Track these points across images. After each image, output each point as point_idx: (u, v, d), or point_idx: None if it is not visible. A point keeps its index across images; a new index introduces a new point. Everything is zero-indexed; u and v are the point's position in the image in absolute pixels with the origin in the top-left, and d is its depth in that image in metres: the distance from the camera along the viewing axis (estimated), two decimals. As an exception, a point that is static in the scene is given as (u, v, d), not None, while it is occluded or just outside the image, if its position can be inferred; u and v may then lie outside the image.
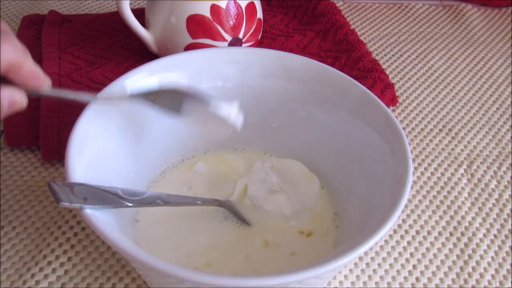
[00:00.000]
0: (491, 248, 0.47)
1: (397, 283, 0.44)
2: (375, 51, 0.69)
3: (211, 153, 0.50)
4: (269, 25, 0.69)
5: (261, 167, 0.47)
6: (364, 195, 0.42)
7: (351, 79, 0.45)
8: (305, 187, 0.45)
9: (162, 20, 0.58)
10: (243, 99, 0.48)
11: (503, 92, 0.64)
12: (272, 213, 0.44)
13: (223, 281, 0.31)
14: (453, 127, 0.59)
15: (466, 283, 0.44)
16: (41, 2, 0.72)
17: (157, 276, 0.35)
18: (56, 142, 0.51)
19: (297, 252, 0.43)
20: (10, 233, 0.45)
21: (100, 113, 0.41)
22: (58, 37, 0.64)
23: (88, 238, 0.45)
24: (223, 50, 0.50)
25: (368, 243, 0.33)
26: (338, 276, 0.44)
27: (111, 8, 0.72)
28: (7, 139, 0.52)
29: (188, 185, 0.47)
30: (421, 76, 0.66)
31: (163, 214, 0.44)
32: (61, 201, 0.33)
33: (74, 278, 0.42)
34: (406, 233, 0.48)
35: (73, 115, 0.39)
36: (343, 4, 0.77)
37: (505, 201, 0.51)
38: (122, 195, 0.37)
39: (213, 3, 0.56)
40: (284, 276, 0.31)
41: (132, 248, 0.32)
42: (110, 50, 0.63)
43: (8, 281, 0.41)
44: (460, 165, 0.54)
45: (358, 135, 0.44)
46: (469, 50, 0.70)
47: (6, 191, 0.48)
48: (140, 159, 0.45)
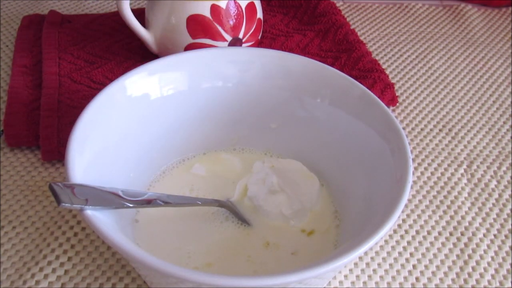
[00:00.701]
0: (491, 248, 0.47)
1: (397, 283, 0.44)
2: (375, 51, 0.69)
3: (211, 153, 0.50)
4: (269, 25, 0.69)
5: (261, 167, 0.47)
6: (364, 195, 0.42)
7: (351, 79, 0.46)
8: (305, 187, 0.45)
9: (162, 20, 0.58)
10: (243, 99, 0.48)
11: (503, 92, 0.64)
12: (272, 213, 0.44)
13: (223, 281, 0.31)
14: (453, 127, 0.59)
15: (466, 283, 0.44)
16: (41, 2, 0.72)
17: (157, 276, 0.35)
18: (56, 142, 0.51)
19: (298, 252, 0.43)
20: (10, 233, 0.45)
21: (100, 113, 0.41)
22: (58, 37, 0.64)
23: (88, 238, 0.45)
24: (223, 50, 0.50)
25: (368, 243, 0.33)
26: (338, 276, 0.44)
27: (111, 8, 0.72)
28: (7, 139, 0.52)
29: (189, 188, 0.47)
30: (421, 76, 0.66)
31: (163, 214, 0.44)
32: (62, 202, 0.33)
33: (74, 278, 0.42)
34: (406, 233, 0.48)
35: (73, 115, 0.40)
36: (343, 4, 0.77)
37: (505, 201, 0.51)
38: (122, 195, 0.37)
39: (213, 3, 0.56)
40: (284, 276, 0.31)
41: (132, 248, 0.32)
42: (110, 50, 0.63)
43: (8, 281, 0.41)
44: (460, 165, 0.54)
45: (358, 135, 0.44)
46: (469, 50, 0.70)
47: (6, 191, 0.48)
48: (140, 159, 0.45)
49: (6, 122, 0.53)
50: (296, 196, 0.45)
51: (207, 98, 0.48)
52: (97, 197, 0.36)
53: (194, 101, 0.48)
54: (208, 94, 0.48)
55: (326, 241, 0.43)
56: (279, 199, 0.44)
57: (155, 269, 0.31)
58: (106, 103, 0.41)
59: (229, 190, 0.46)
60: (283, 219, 0.44)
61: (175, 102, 0.47)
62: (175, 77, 0.46)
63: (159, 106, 0.46)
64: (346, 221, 0.44)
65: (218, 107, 0.48)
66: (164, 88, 0.46)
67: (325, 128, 0.47)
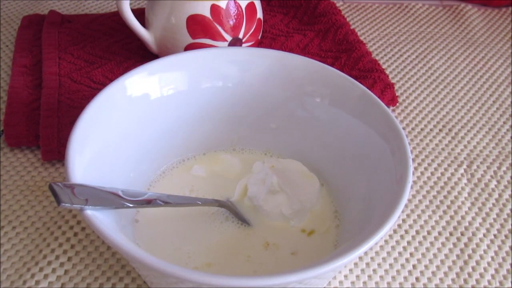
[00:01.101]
0: (491, 248, 0.47)
1: (397, 283, 0.44)
2: (375, 51, 0.69)
3: (211, 153, 0.50)
4: (269, 25, 0.69)
5: (261, 167, 0.47)
6: (364, 194, 0.42)
7: (351, 79, 0.45)
8: (305, 187, 0.45)
9: (162, 20, 0.58)
10: (243, 99, 0.48)
11: (503, 92, 0.64)
12: (272, 214, 0.44)
13: (223, 281, 0.31)
14: (453, 127, 0.59)
15: (466, 283, 0.44)
16: (41, 2, 0.72)
17: (157, 276, 0.35)
18: (56, 142, 0.51)
19: (298, 252, 0.43)
20: (10, 233, 0.45)
21: (100, 113, 0.41)
22: (58, 37, 0.64)
23: (88, 238, 0.45)
24: (223, 50, 0.50)
25: (368, 243, 0.33)
26: (338, 276, 0.44)
27: (111, 8, 0.72)
28: (7, 139, 0.52)
29: (189, 188, 0.47)
30: (421, 76, 0.66)
31: (163, 214, 0.44)
32: (62, 202, 0.33)
33: (74, 278, 0.42)
34: (406, 233, 0.48)
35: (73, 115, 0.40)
36: (343, 4, 0.77)
37: (505, 201, 0.51)
38: (122, 195, 0.37)
39: (213, 3, 0.56)
40: (284, 276, 0.31)
41: (132, 248, 0.32)
42: (110, 50, 0.63)
43: (8, 281, 0.41)
44: (460, 165, 0.54)
45: (358, 135, 0.44)
46: (469, 50, 0.70)
47: (6, 191, 0.48)
48: (140, 159, 0.45)
49: (6, 122, 0.53)
50: (296, 196, 0.45)
51: (207, 98, 0.48)
52: (97, 197, 0.36)
53: (194, 101, 0.48)
54: (208, 94, 0.48)
55: (326, 241, 0.43)
56: (279, 199, 0.44)
57: (155, 269, 0.31)
58: (106, 103, 0.41)
59: (229, 190, 0.46)
60: (283, 219, 0.44)
61: (175, 102, 0.47)
62: (175, 77, 0.46)
63: (159, 106, 0.46)
64: (346, 221, 0.44)
65: (218, 107, 0.48)
66: (164, 88, 0.46)
67: (325, 128, 0.47)
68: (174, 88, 0.46)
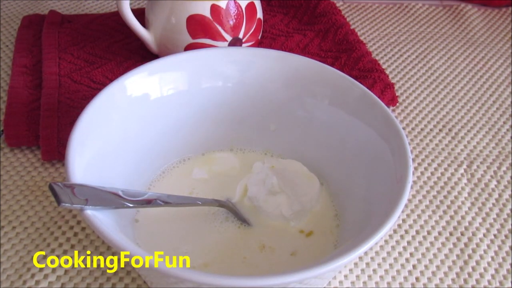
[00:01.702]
0: (491, 248, 0.47)
1: (397, 283, 0.44)
2: (375, 51, 0.69)
3: (211, 153, 0.50)
4: (269, 25, 0.69)
5: (261, 167, 0.47)
6: (364, 195, 0.42)
7: (351, 79, 0.45)
8: (306, 187, 0.45)
9: (162, 20, 0.58)
10: (243, 99, 0.48)
11: (503, 92, 0.64)
12: (272, 214, 0.44)
13: (223, 281, 0.31)
14: (453, 127, 0.59)
15: (466, 283, 0.44)
16: (41, 2, 0.72)
17: (157, 276, 0.35)
18: (56, 142, 0.51)
19: (297, 252, 0.43)
20: (10, 233, 0.45)
21: (100, 113, 0.41)
22: (58, 37, 0.64)
23: (88, 238, 0.45)
24: (223, 50, 0.50)
25: (368, 243, 0.33)
26: (338, 276, 0.44)
27: (111, 8, 0.72)
28: (7, 139, 0.52)
29: (189, 187, 0.47)
30: (421, 76, 0.66)
31: (163, 214, 0.44)
32: (62, 202, 0.33)
33: (74, 278, 0.42)
34: (406, 233, 0.48)
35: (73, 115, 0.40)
36: (343, 4, 0.77)
37: (505, 201, 0.51)
38: (122, 195, 0.37)
39: (213, 3, 0.56)
40: (284, 276, 0.31)
41: (132, 248, 0.32)
42: (110, 50, 0.63)
43: (8, 281, 0.41)
44: (460, 165, 0.54)
45: (358, 135, 0.44)
46: (469, 50, 0.70)
47: (6, 191, 0.48)
48: (140, 159, 0.45)
49: (6, 122, 0.53)
50: (296, 197, 0.45)
51: (207, 98, 0.48)
52: (97, 197, 0.36)
53: (194, 101, 0.48)
54: (208, 94, 0.48)
55: (326, 241, 0.43)
56: (279, 200, 0.44)
57: (155, 269, 0.31)
58: (106, 103, 0.41)
59: (229, 190, 0.46)
60: (283, 220, 0.44)
61: (175, 102, 0.47)
62: (175, 77, 0.46)
63: (159, 106, 0.46)
64: (346, 221, 0.44)
65: (218, 107, 0.48)
66: (164, 88, 0.46)
67: (325, 128, 0.47)
68: (174, 88, 0.46)
